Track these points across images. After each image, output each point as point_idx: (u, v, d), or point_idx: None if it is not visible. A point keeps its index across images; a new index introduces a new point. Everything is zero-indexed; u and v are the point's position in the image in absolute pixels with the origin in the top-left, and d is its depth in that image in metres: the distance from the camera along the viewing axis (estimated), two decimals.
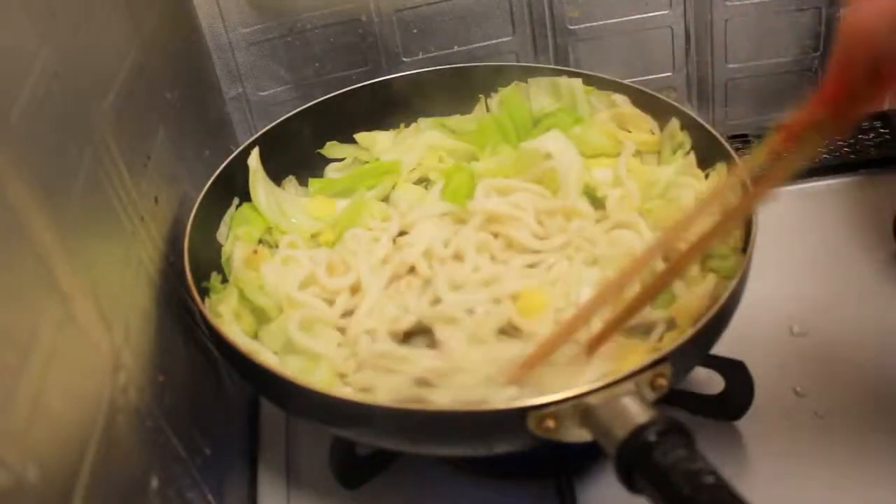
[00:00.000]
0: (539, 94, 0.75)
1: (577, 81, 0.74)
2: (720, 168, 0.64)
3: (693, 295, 0.58)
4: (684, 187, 0.65)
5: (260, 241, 0.67)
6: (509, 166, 0.71)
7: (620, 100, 0.73)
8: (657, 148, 0.70)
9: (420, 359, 0.56)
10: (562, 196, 0.66)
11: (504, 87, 0.76)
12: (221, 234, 0.66)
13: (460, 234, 0.64)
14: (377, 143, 0.76)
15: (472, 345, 0.56)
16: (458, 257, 0.63)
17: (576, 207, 0.66)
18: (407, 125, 0.77)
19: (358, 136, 0.76)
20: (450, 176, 0.71)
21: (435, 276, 0.62)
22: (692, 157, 0.67)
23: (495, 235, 0.65)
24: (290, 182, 0.73)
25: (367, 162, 0.75)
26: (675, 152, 0.68)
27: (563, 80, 0.74)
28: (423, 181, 0.73)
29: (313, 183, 0.74)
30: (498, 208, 0.65)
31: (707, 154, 0.66)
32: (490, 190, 0.67)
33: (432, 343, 0.58)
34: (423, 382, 0.54)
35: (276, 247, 0.67)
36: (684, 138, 0.68)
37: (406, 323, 0.59)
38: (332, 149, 0.75)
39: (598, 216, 0.67)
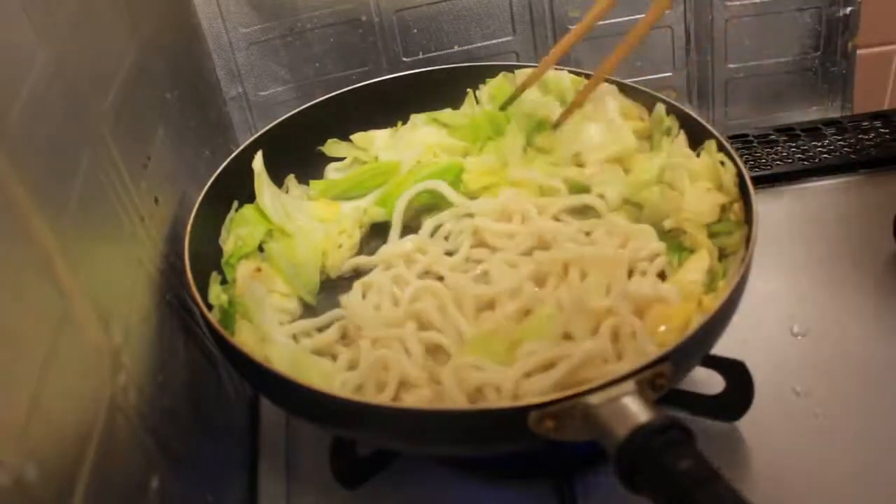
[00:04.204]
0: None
1: (564, 74, 0.74)
2: (708, 145, 0.65)
3: (691, 268, 0.59)
4: (678, 169, 0.65)
5: (261, 247, 0.67)
6: (496, 167, 0.72)
7: (610, 90, 0.73)
8: (648, 133, 0.71)
9: None
10: None
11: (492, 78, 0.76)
12: (222, 238, 0.65)
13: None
14: (374, 142, 0.76)
15: None
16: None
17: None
18: (404, 123, 0.77)
19: (354, 137, 0.76)
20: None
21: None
22: (682, 138, 0.67)
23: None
24: (291, 180, 0.73)
25: (367, 162, 0.75)
26: (664, 137, 0.69)
27: (550, 74, 0.74)
28: None
29: (315, 185, 0.74)
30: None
31: (694, 136, 0.67)
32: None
33: None
34: None
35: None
36: (671, 122, 0.68)
37: None
38: (332, 147, 0.75)
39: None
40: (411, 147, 0.74)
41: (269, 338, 0.59)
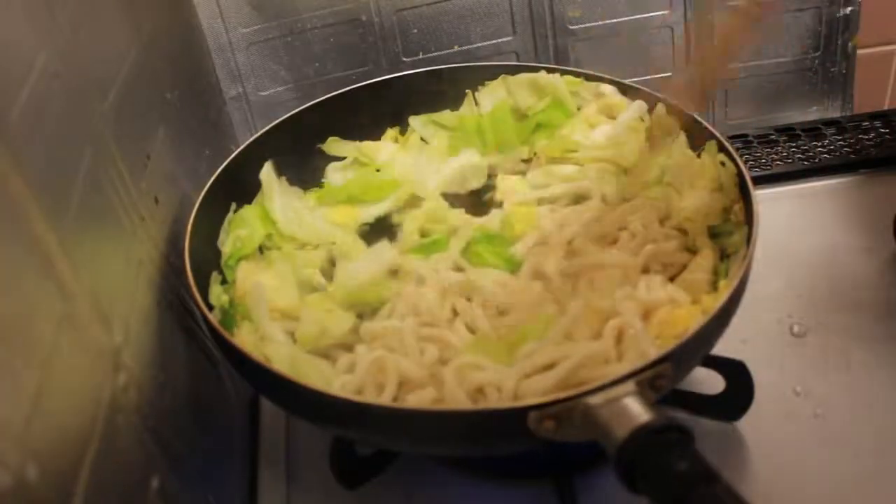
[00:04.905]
0: (521, 93, 0.75)
1: (557, 77, 0.74)
2: (709, 146, 0.64)
3: (695, 267, 0.60)
4: (678, 170, 0.65)
5: (261, 248, 0.67)
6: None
7: (608, 90, 0.73)
8: (648, 133, 0.71)
9: None
10: None
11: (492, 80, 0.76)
12: (221, 240, 0.65)
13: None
14: (380, 152, 0.76)
15: None
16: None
17: None
18: (403, 127, 0.77)
19: (361, 146, 0.76)
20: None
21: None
22: (683, 138, 0.67)
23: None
24: (283, 182, 0.72)
25: (366, 164, 0.75)
26: (664, 138, 0.69)
27: (543, 77, 0.74)
28: None
29: (314, 192, 0.73)
30: None
31: (695, 136, 0.66)
32: None
33: None
34: None
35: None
36: (672, 123, 0.68)
37: None
38: (332, 145, 0.75)
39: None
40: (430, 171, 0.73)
41: (268, 338, 0.59)
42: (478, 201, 0.73)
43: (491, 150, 0.75)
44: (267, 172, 0.69)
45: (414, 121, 0.77)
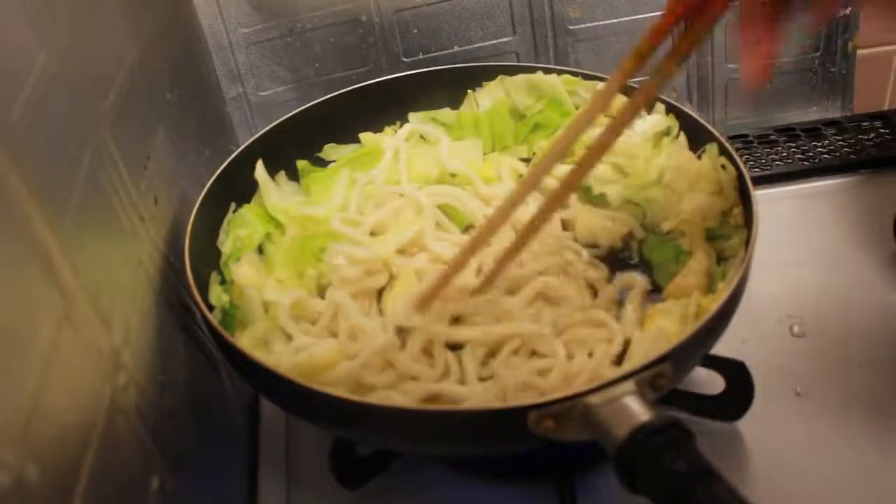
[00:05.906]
0: (519, 93, 0.75)
1: (554, 77, 0.74)
2: (710, 148, 0.64)
3: (688, 272, 0.60)
4: (677, 171, 0.65)
5: (260, 248, 0.67)
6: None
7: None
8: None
9: None
10: None
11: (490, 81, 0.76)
12: (220, 240, 0.65)
13: None
14: (384, 142, 0.76)
15: None
16: None
17: None
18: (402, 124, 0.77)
19: (362, 136, 0.76)
20: None
21: None
22: (682, 139, 0.67)
23: None
24: (281, 177, 0.72)
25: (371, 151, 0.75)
26: (664, 137, 0.69)
27: (540, 77, 0.74)
28: None
29: (304, 180, 0.74)
30: None
31: (694, 136, 0.67)
32: None
33: None
34: None
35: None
36: (671, 122, 0.68)
37: None
38: (330, 151, 0.75)
39: None
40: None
41: (269, 339, 0.59)
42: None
43: (488, 150, 0.75)
44: (261, 171, 0.69)
45: (413, 118, 0.77)
